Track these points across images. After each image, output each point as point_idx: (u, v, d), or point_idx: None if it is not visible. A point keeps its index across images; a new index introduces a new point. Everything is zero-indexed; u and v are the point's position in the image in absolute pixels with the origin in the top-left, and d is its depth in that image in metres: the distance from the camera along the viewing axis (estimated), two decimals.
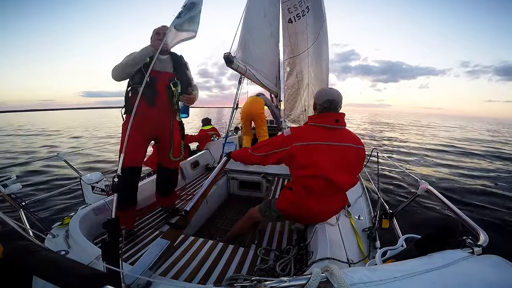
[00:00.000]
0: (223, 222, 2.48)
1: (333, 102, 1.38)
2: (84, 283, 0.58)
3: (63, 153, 2.22)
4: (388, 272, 0.58)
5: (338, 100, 1.39)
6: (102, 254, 0.81)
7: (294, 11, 4.09)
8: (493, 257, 0.64)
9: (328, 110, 1.39)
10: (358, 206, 2.05)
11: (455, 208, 1.24)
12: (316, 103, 1.45)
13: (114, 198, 0.84)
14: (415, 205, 4.34)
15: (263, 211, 1.58)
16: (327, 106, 1.39)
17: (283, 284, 0.58)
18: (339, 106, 1.40)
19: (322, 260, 1.07)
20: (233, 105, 3.40)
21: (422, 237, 0.84)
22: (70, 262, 0.69)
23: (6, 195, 1.46)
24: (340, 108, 1.41)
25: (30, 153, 10.07)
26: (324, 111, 1.40)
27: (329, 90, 1.44)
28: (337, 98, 1.39)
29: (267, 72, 3.89)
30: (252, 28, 3.31)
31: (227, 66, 2.88)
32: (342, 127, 1.39)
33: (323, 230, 1.33)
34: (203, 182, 2.95)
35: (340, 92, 1.42)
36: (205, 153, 3.64)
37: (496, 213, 4.37)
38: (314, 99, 1.47)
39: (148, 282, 0.85)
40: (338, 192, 1.43)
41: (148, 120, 1.69)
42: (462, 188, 5.75)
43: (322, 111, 1.41)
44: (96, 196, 1.81)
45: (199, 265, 1.34)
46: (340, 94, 1.41)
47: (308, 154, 1.32)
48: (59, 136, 16.02)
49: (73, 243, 1.28)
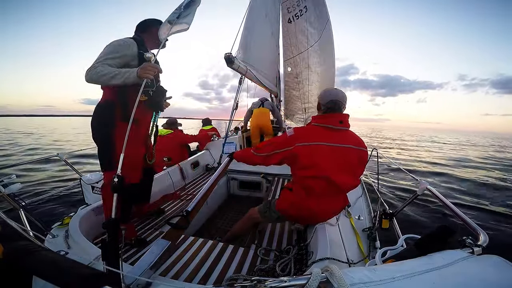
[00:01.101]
0: (223, 222, 2.48)
1: (337, 103, 1.36)
2: (84, 283, 0.58)
3: (63, 153, 2.22)
4: (388, 272, 0.58)
5: (342, 100, 1.37)
6: (102, 254, 0.81)
7: (293, 11, 4.10)
8: (493, 257, 0.64)
9: (332, 110, 1.37)
10: (358, 206, 2.06)
11: (455, 208, 1.24)
12: (320, 103, 1.42)
13: (114, 198, 0.84)
14: (415, 205, 4.34)
15: (263, 212, 1.58)
16: (331, 107, 1.37)
17: (283, 284, 0.58)
18: (343, 106, 1.37)
19: (322, 260, 1.07)
20: (233, 105, 3.40)
21: (422, 237, 0.84)
22: (70, 262, 0.69)
23: (6, 195, 1.46)
24: (345, 109, 1.39)
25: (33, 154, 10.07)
26: (328, 111, 1.38)
27: (334, 91, 1.41)
28: (341, 99, 1.37)
29: (267, 72, 3.90)
30: (254, 29, 3.32)
31: (227, 67, 2.88)
32: (346, 129, 1.37)
33: (323, 230, 1.33)
34: (203, 182, 2.95)
35: (344, 93, 1.39)
36: (205, 153, 3.64)
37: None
38: (319, 99, 1.45)
39: (148, 282, 0.85)
40: (339, 193, 1.43)
41: (146, 127, 1.68)
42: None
43: (326, 111, 1.39)
44: (96, 196, 1.80)
45: (199, 265, 1.34)
46: (345, 95, 1.39)
47: (310, 154, 1.31)
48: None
49: (73, 243, 1.28)
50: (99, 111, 1.44)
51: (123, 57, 1.38)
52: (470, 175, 8.26)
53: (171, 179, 2.67)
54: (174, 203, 2.32)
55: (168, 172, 2.69)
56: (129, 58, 1.41)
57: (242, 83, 3.39)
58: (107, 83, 1.28)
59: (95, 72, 1.26)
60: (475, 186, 6.65)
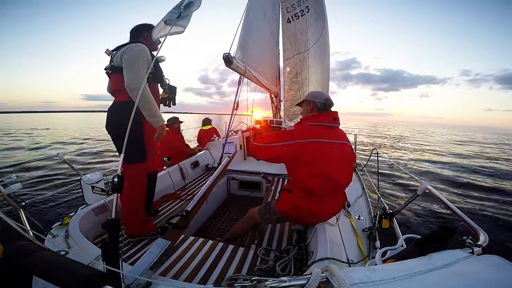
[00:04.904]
0: (223, 222, 2.48)
1: (330, 100, 1.47)
2: (84, 283, 0.58)
3: (63, 153, 2.22)
4: (388, 272, 0.58)
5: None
6: (102, 254, 0.81)
7: (292, 11, 4.10)
8: (493, 257, 0.64)
9: (329, 106, 1.46)
10: (358, 206, 2.05)
11: (455, 208, 1.24)
12: (315, 102, 1.46)
13: (114, 198, 0.84)
14: (415, 205, 4.34)
15: (263, 213, 1.57)
16: (327, 103, 1.45)
17: (283, 284, 0.58)
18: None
19: (322, 260, 1.07)
20: (233, 105, 3.40)
21: (422, 237, 0.84)
22: (70, 262, 0.69)
23: (6, 195, 1.46)
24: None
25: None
26: (323, 108, 1.45)
27: (320, 91, 1.59)
28: (330, 98, 1.48)
29: (267, 72, 3.90)
30: (252, 28, 3.32)
31: (226, 67, 2.87)
32: (338, 126, 1.45)
33: (323, 230, 1.33)
34: (203, 182, 2.95)
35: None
36: (205, 153, 3.64)
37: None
38: (311, 98, 1.48)
39: (148, 282, 0.85)
40: (339, 192, 1.44)
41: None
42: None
43: (321, 108, 1.45)
44: (96, 196, 1.80)
45: (199, 265, 1.34)
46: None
47: (311, 151, 1.32)
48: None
49: (73, 243, 1.28)
50: (128, 108, 1.41)
51: (147, 63, 1.49)
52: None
53: (171, 179, 2.67)
54: (174, 203, 2.32)
55: (168, 172, 2.69)
56: (149, 62, 1.51)
57: (242, 83, 3.39)
58: (142, 109, 1.41)
59: (145, 95, 1.39)
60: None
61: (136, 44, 1.50)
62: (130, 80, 1.39)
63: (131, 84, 1.39)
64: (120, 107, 1.53)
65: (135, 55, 1.44)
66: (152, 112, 1.44)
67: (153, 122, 1.45)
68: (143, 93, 1.37)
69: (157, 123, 1.45)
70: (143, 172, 1.58)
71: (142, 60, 1.45)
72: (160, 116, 1.48)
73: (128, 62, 1.42)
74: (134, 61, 1.42)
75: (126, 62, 1.42)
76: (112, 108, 1.57)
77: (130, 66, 1.42)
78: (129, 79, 1.40)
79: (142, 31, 1.61)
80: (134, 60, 1.43)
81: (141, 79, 1.39)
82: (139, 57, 1.44)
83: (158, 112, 1.48)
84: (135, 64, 1.42)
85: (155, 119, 1.44)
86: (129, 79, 1.40)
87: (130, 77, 1.40)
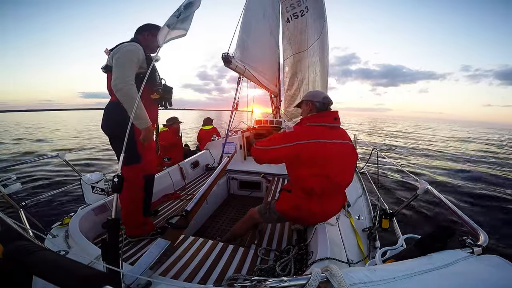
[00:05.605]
0: (223, 222, 2.48)
1: (329, 98, 1.45)
2: (84, 283, 0.58)
3: (63, 153, 2.22)
4: (388, 272, 0.58)
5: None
6: (102, 254, 0.81)
7: (291, 10, 4.09)
8: (493, 257, 0.64)
9: (328, 105, 1.44)
10: (358, 206, 2.05)
11: (455, 208, 1.24)
12: (314, 101, 1.45)
13: (114, 198, 0.84)
14: (415, 205, 4.34)
15: (263, 213, 1.57)
16: (327, 102, 1.44)
17: (283, 284, 0.58)
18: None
19: (322, 260, 1.07)
20: (233, 105, 3.40)
21: (422, 237, 0.84)
22: (70, 262, 0.69)
23: (6, 195, 1.46)
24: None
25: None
26: (323, 107, 1.43)
27: (319, 90, 1.57)
28: (328, 96, 1.47)
29: (267, 72, 3.90)
30: (251, 28, 3.31)
31: (225, 67, 2.87)
32: (339, 125, 1.43)
33: (323, 230, 1.33)
34: (203, 182, 2.95)
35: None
36: (205, 153, 3.63)
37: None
38: (309, 98, 1.47)
39: (148, 282, 0.85)
40: (339, 192, 1.43)
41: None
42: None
43: (320, 107, 1.44)
44: (96, 196, 1.81)
45: (199, 265, 1.34)
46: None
47: (312, 152, 1.31)
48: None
49: (73, 243, 1.28)
50: (119, 109, 1.43)
51: (137, 62, 1.46)
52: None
53: (171, 179, 2.67)
54: (174, 203, 2.32)
55: (168, 172, 2.69)
56: (140, 62, 1.48)
57: (241, 83, 3.38)
58: (127, 108, 1.37)
59: (130, 95, 1.35)
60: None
61: (128, 43, 1.48)
62: (115, 79, 1.36)
63: (117, 84, 1.36)
64: (113, 106, 1.51)
65: (124, 55, 1.42)
66: (136, 114, 1.35)
67: (137, 124, 1.42)
68: (127, 94, 1.35)
69: (140, 125, 1.42)
70: (139, 173, 1.56)
71: (130, 59, 1.42)
72: (146, 118, 1.43)
73: (117, 62, 1.40)
74: (123, 60, 1.40)
75: (115, 62, 1.40)
76: (107, 108, 1.56)
77: (117, 65, 1.39)
78: (115, 78, 1.37)
79: (143, 30, 1.60)
80: (122, 59, 1.40)
81: (126, 79, 1.36)
82: (127, 56, 1.42)
83: (144, 114, 1.43)
84: (123, 64, 1.40)
85: (138, 121, 1.41)
86: (115, 78, 1.37)
87: (115, 76, 1.37)
